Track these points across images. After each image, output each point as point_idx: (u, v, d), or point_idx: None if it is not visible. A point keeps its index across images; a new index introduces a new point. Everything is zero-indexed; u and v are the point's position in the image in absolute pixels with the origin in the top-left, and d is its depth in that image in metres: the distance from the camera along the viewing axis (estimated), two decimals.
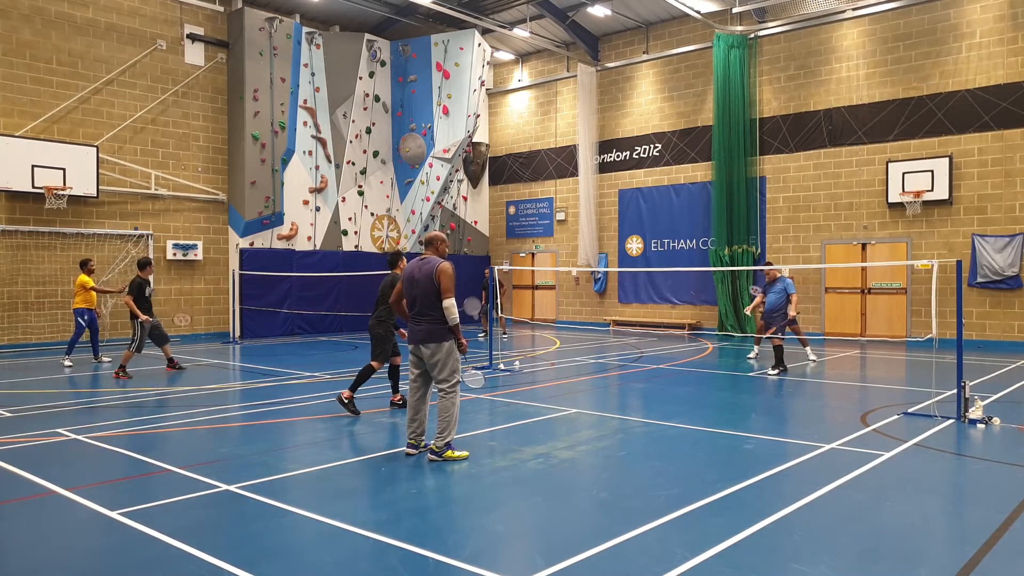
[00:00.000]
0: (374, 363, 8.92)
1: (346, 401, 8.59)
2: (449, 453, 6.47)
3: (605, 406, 9.69)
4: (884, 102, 17.33)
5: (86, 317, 13.36)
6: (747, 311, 14.10)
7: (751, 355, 14.44)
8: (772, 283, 12.52)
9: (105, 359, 13.75)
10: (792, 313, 12.24)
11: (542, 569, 4.15)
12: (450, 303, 6.39)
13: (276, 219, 19.36)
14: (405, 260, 8.81)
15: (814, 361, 13.42)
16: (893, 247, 17.33)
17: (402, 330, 8.69)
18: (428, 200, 21.76)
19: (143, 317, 11.88)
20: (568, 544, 4.55)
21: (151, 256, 17.35)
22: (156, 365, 13.05)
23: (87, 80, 16.64)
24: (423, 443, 6.75)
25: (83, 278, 13.29)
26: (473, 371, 8.02)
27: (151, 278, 12.46)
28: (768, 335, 12.40)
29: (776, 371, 11.94)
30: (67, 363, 13.08)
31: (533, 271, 23.86)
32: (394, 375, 9.30)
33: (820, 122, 18.26)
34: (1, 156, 15.00)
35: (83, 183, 15.98)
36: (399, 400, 9.15)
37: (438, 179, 21.58)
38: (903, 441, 7.22)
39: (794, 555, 4.39)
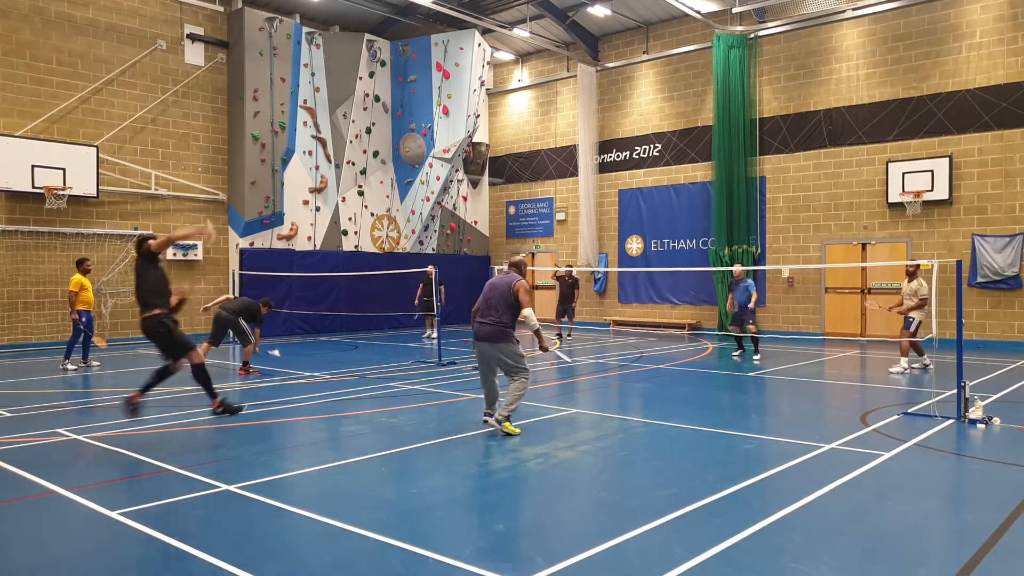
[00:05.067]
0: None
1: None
2: (507, 424, 7.50)
3: (605, 406, 9.68)
4: (884, 102, 17.33)
5: (83, 319, 12.84)
6: (728, 309, 14.78)
7: (735, 353, 14.66)
8: (738, 282, 13.82)
9: (94, 363, 13.28)
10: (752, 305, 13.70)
11: (542, 569, 4.15)
12: (529, 312, 7.59)
13: (276, 219, 19.35)
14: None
15: (927, 366, 12.58)
16: (893, 247, 17.33)
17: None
18: (428, 200, 21.76)
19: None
20: (568, 544, 4.55)
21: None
22: (155, 365, 12.98)
23: (87, 80, 16.63)
24: (493, 412, 7.79)
25: (77, 278, 12.76)
26: (559, 353, 8.64)
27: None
28: (738, 333, 13.89)
29: (758, 356, 13.58)
30: (71, 367, 12.69)
31: (533, 271, 23.85)
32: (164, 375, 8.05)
33: (820, 122, 18.25)
34: (1, 156, 14.99)
35: (83, 183, 15.97)
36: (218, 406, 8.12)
37: (438, 179, 21.58)
38: (903, 441, 7.22)
39: (794, 555, 4.39)
